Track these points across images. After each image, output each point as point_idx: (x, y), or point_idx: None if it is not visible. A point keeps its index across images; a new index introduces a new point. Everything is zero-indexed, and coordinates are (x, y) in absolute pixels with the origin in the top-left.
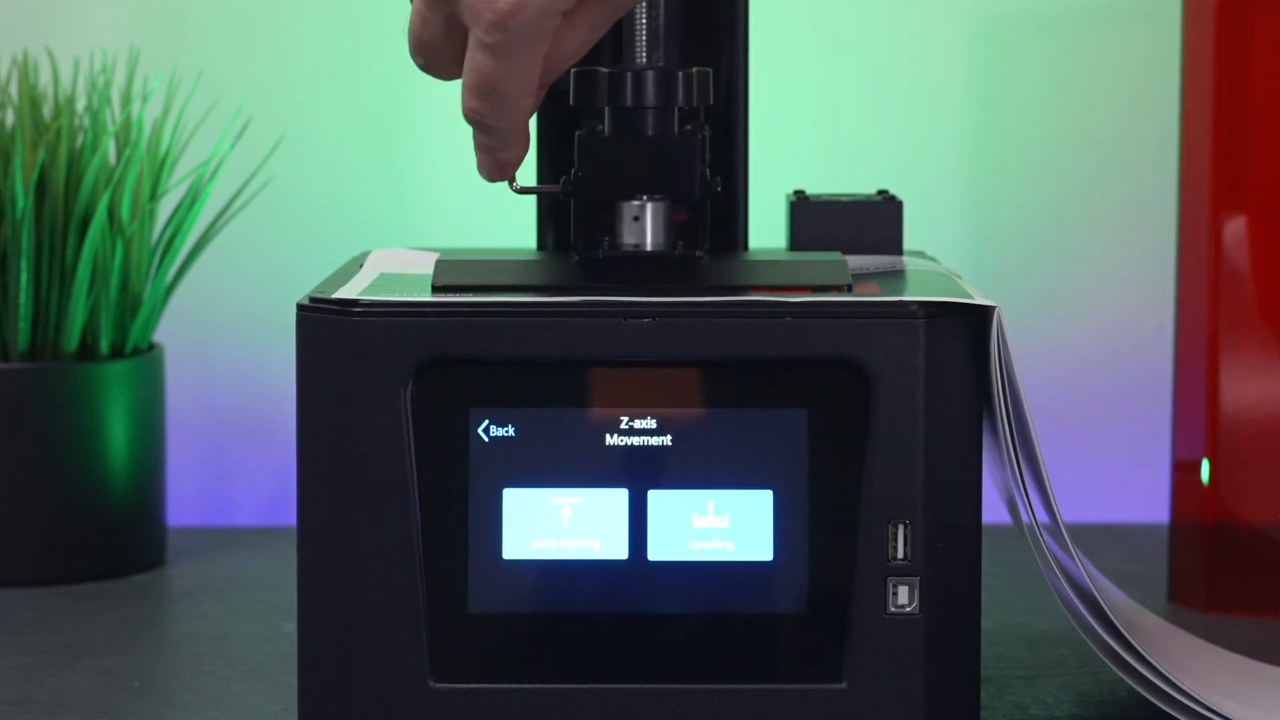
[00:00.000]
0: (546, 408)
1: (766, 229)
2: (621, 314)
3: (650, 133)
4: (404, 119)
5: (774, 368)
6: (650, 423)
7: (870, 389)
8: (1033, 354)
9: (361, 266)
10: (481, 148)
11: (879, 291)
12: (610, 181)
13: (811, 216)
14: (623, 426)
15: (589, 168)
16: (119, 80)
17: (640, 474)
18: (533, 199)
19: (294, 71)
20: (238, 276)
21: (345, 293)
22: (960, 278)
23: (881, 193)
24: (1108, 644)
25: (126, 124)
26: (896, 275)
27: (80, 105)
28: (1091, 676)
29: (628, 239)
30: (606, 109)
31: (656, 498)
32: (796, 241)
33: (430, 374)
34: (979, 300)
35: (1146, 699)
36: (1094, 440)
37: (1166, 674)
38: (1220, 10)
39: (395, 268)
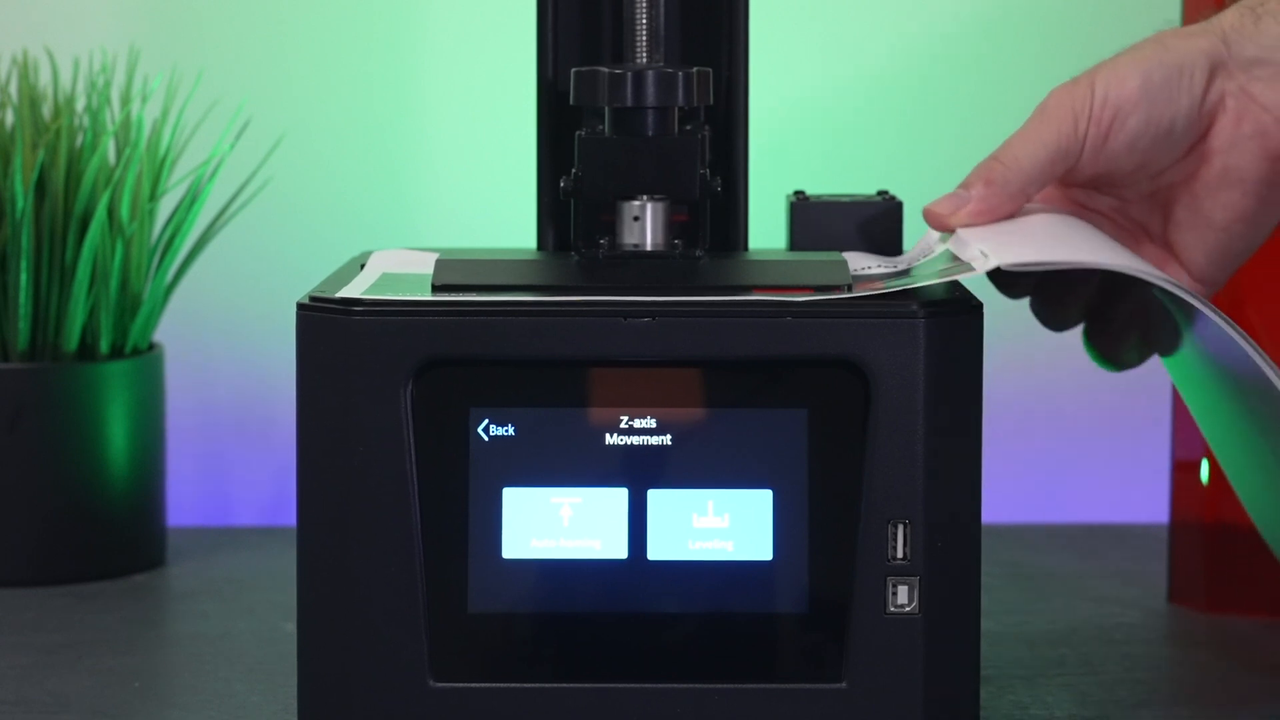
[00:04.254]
0: (546, 407)
1: (766, 229)
2: (621, 314)
3: (650, 133)
4: (404, 119)
5: (774, 368)
6: (650, 422)
7: (870, 389)
8: (1032, 354)
9: (362, 267)
10: None
11: (882, 291)
12: (611, 181)
13: (811, 216)
14: (622, 426)
15: (589, 168)
16: (119, 80)
17: (640, 473)
18: (533, 200)
19: (294, 71)
20: (238, 276)
21: (347, 292)
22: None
23: (881, 193)
24: None
25: (126, 124)
26: (899, 275)
27: (80, 105)
28: (1092, 676)
29: (628, 239)
30: (607, 109)
31: (656, 497)
32: (796, 241)
33: (430, 374)
34: (978, 271)
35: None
36: (1094, 440)
37: None
38: (1220, 7)
39: (397, 268)
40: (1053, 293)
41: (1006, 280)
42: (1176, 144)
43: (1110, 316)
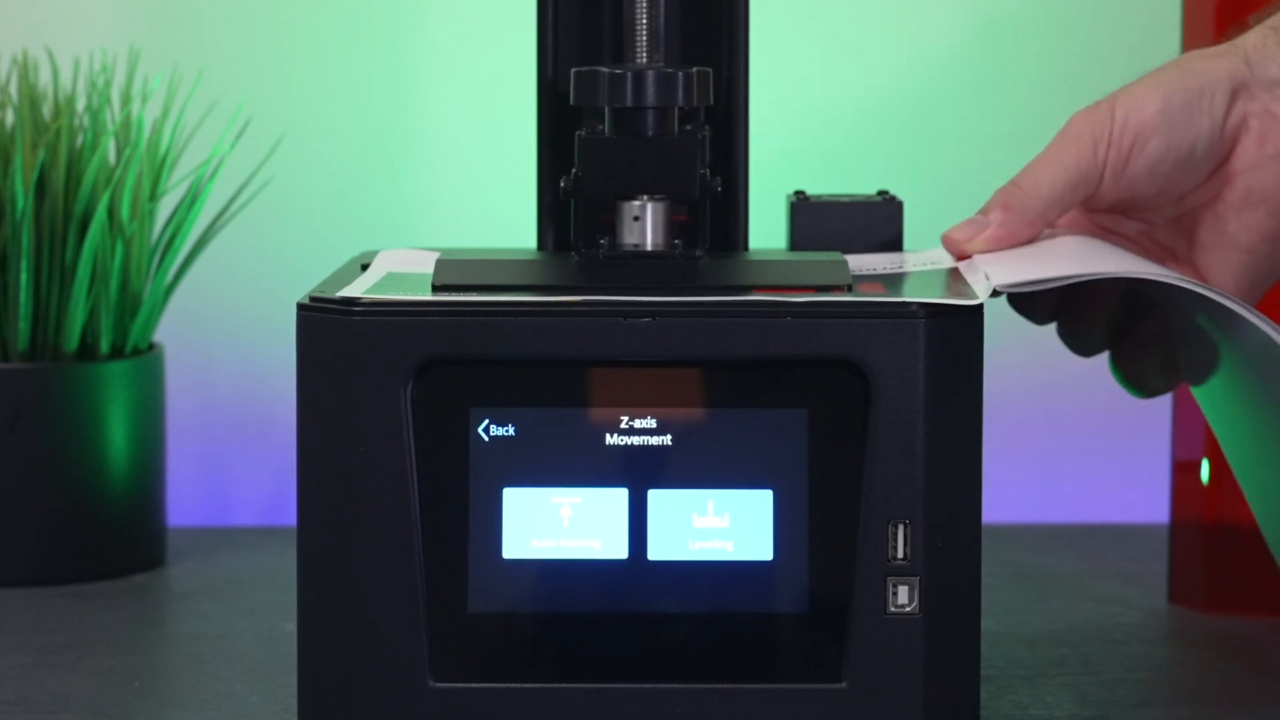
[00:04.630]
0: (546, 407)
1: (766, 229)
2: (621, 314)
3: (650, 133)
4: (404, 119)
5: (774, 368)
6: (650, 422)
7: (870, 389)
8: (1033, 354)
9: (362, 267)
10: None
11: (883, 291)
12: (611, 181)
13: (811, 216)
14: (623, 426)
15: (589, 168)
16: (119, 80)
17: (640, 474)
18: (533, 200)
19: (294, 71)
20: (238, 276)
21: (350, 291)
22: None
23: (881, 193)
24: None
25: (126, 124)
26: (901, 276)
27: (80, 105)
28: (1092, 676)
29: (628, 239)
30: (607, 109)
31: (656, 497)
32: (796, 241)
33: (430, 374)
34: (976, 301)
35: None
36: (1094, 440)
37: None
38: (1220, 10)
39: (403, 267)
40: (1075, 314)
41: (1025, 304)
42: (1199, 167)
43: (1134, 338)
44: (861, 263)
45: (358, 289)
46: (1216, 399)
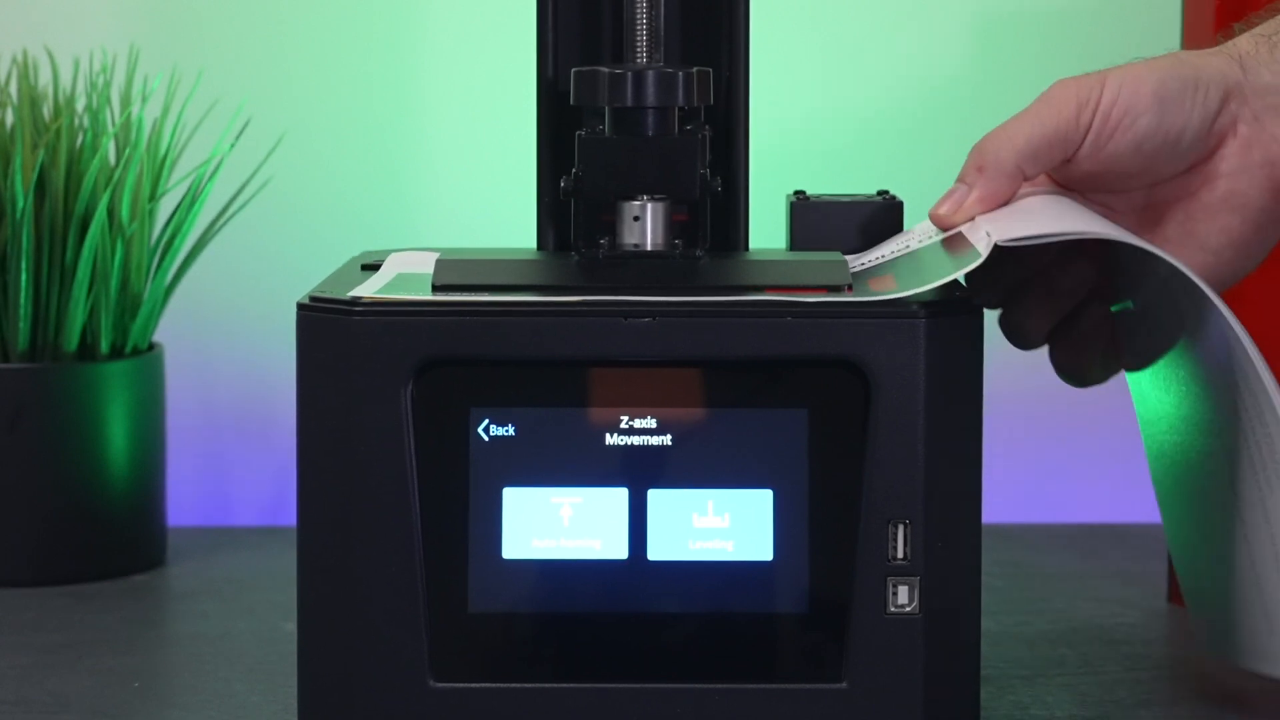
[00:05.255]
0: (546, 407)
1: (766, 229)
2: (621, 314)
3: (651, 132)
4: (404, 119)
5: (774, 368)
6: (650, 422)
7: (870, 389)
8: (1033, 353)
9: (363, 268)
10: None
11: (895, 284)
12: (611, 181)
13: (811, 216)
14: (623, 426)
15: (590, 168)
16: (119, 80)
17: (640, 473)
18: (533, 200)
19: (294, 71)
20: (238, 276)
21: (359, 291)
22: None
23: (881, 193)
24: None
25: (126, 124)
26: (910, 258)
27: (80, 105)
28: (1092, 676)
29: (628, 239)
30: (607, 109)
31: (656, 497)
32: (796, 241)
33: (430, 374)
34: (976, 261)
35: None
36: (1094, 440)
37: None
38: (1220, 10)
39: (412, 268)
40: (1025, 303)
41: (980, 284)
42: (1183, 155)
43: (1076, 330)
44: (868, 256)
45: (367, 289)
46: (1149, 386)
